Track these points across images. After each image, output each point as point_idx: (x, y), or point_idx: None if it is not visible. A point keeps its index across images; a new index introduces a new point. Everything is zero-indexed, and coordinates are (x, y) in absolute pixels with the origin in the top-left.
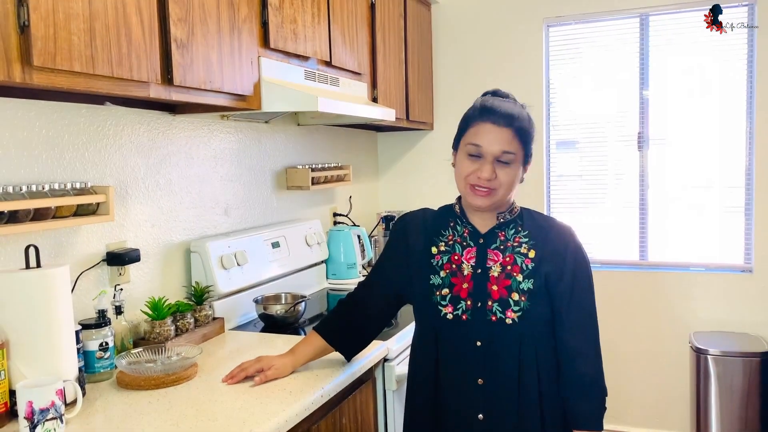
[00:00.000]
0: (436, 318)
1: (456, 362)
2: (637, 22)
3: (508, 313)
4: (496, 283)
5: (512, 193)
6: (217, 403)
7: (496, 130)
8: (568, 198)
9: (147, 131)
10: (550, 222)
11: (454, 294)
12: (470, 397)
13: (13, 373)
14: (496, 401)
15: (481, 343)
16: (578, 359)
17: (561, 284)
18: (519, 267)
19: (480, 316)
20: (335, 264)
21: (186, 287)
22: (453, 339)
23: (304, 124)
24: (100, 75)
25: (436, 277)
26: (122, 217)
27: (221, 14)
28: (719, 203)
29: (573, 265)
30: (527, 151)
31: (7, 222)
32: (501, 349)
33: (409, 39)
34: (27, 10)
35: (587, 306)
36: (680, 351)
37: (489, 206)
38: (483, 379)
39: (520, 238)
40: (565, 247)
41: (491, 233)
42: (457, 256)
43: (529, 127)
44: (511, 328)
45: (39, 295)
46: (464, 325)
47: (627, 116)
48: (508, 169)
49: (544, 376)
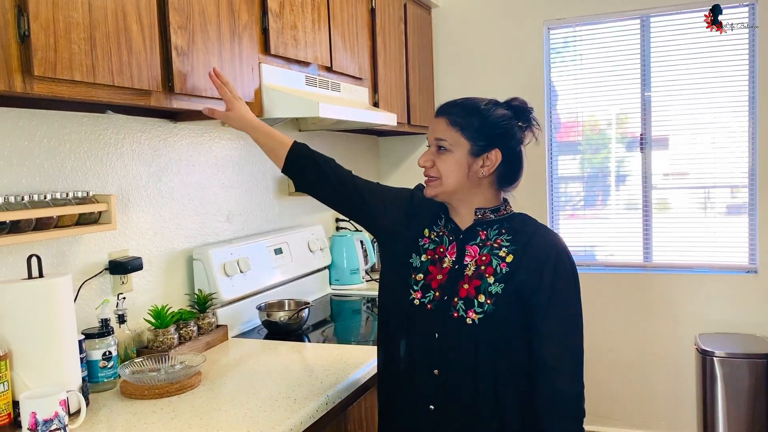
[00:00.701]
0: (404, 300)
1: (416, 349)
2: (637, 23)
3: (469, 312)
4: (468, 282)
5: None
6: (221, 411)
7: (434, 121)
8: (571, 200)
9: (148, 139)
10: (537, 229)
11: (427, 282)
12: (425, 387)
13: (17, 384)
14: (449, 394)
15: (439, 335)
16: (553, 375)
17: (537, 295)
18: (493, 269)
19: (443, 309)
20: (338, 270)
21: (189, 295)
22: (416, 325)
23: (306, 130)
24: (101, 84)
25: (417, 259)
26: (124, 225)
27: (221, 21)
28: (723, 204)
29: (552, 276)
30: (474, 139)
31: (9, 232)
32: (458, 345)
33: (410, 43)
34: (27, 19)
35: (567, 320)
36: (686, 353)
37: (434, 196)
38: (439, 370)
39: (501, 240)
40: (546, 257)
41: (472, 230)
42: (443, 249)
43: (471, 114)
44: (470, 329)
45: (42, 304)
46: (427, 315)
47: (629, 117)
48: (444, 156)
49: (502, 383)
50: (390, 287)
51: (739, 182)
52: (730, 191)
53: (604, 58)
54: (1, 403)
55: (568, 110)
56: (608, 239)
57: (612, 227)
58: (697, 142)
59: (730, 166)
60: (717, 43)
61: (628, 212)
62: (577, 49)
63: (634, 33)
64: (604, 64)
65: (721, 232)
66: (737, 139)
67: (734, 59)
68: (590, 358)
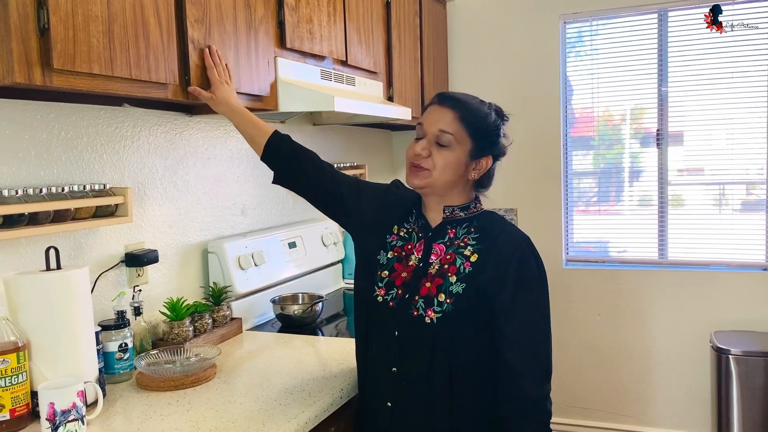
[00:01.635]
0: (369, 296)
1: (379, 346)
2: (655, 17)
3: (428, 311)
4: (430, 280)
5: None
6: (236, 404)
7: (438, 110)
8: (584, 195)
9: (164, 132)
10: (504, 228)
11: (391, 279)
12: (385, 384)
13: (35, 375)
14: (404, 392)
15: (399, 333)
16: (518, 378)
17: (501, 295)
18: (456, 268)
19: (403, 307)
20: (351, 264)
21: (204, 288)
22: (378, 322)
23: (320, 124)
24: (119, 77)
25: (384, 256)
26: (140, 218)
27: (238, 15)
28: (739, 200)
29: (516, 276)
30: (477, 140)
31: (28, 224)
32: (415, 344)
33: (425, 37)
34: (47, 12)
35: (531, 321)
36: (701, 351)
37: (422, 187)
38: (397, 368)
39: (468, 239)
40: (510, 256)
41: (441, 228)
42: (410, 246)
43: (480, 118)
44: (428, 327)
45: (59, 296)
46: (389, 312)
47: (644, 113)
48: (445, 151)
49: (458, 383)
50: (358, 284)
51: (755, 179)
52: (746, 188)
53: (621, 52)
54: (20, 394)
55: (583, 105)
56: (622, 235)
57: (626, 223)
58: (712, 138)
59: (746, 162)
60: (736, 38)
61: (642, 208)
62: (593, 43)
63: (652, 27)
64: (621, 59)
65: (736, 229)
66: (754, 136)
67: (753, 55)
68: (604, 355)
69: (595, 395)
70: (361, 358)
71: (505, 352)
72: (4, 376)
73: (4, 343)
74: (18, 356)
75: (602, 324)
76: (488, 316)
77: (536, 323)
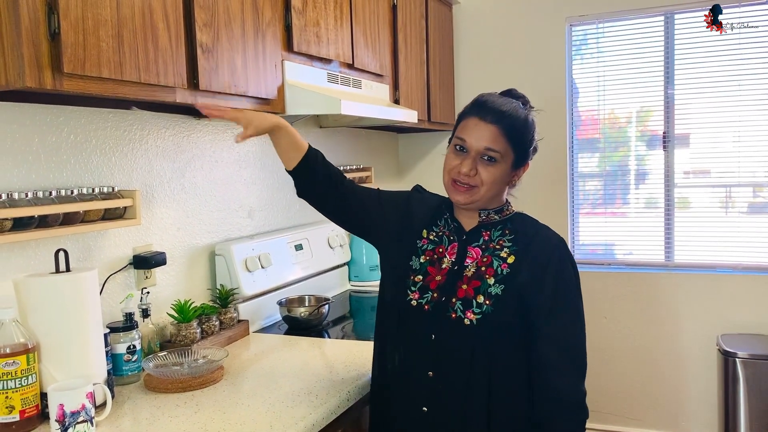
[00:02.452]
0: (401, 300)
1: (411, 350)
2: (662, 20)
3: (468, 313)
4: (467, 283)
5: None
6: (243, 406)
7: (482, 126)
8: (590, 197)
9: (172, 135)
10: (539, 230)
11: (425, 283)
12: (419, 388)
13: (44, 376)
14: (442, 396)
15: (436, 336)
16: (555, 377)
17: (540, 296)
18: (493, 270)
19: (441, 310)
20: (357, 266)
21: (211, 290)
22: (412, 327)
23: (326, 126)
24: (128, 81)
25: (416, 261)
26: (148, 220)
27: (245, 18)
28: (746, 203)
29: (555, 278)
30: (519, 152)
31: (38, 226)
32: (454, 347)
33: (431, 39)
34: (57, 17)
35: (570, 321)
36: (708, 354)
37: (468, 203)
38: (433, 372)
39: (503, 241)
40: (548, 259)
41: (475, 231)
42: (442, 249)
43: (523, 128)
44: (468, 330)
45: (69, 298)
46: (424, 316)
47: (650, 115)
48: (492, 168)
49: (498, 381)
50: (388, 290)
51: (762, 181)
52: (753, 190)
53: (627, 54)
54: (30, 395)
55: (589, 107)
56: (628, 237)
57: (631, 225)
58: (719, 140)
59: (753, 164)
60: (742, 40)
61: (648, 210)
62: (598, 45)
63: (658, 29)
64: (627, 61)
65: (743, 231)
66: (761, 138)
67: (760, 56)
68: (610, 358)
69: (602, 398)
70: (388, 364)
71: (545, 352)
72: (14, 377)
73: (14, 344)
74: (28, 358)
75: (608, 326)
76: (524, 318)
77: (574, 324)
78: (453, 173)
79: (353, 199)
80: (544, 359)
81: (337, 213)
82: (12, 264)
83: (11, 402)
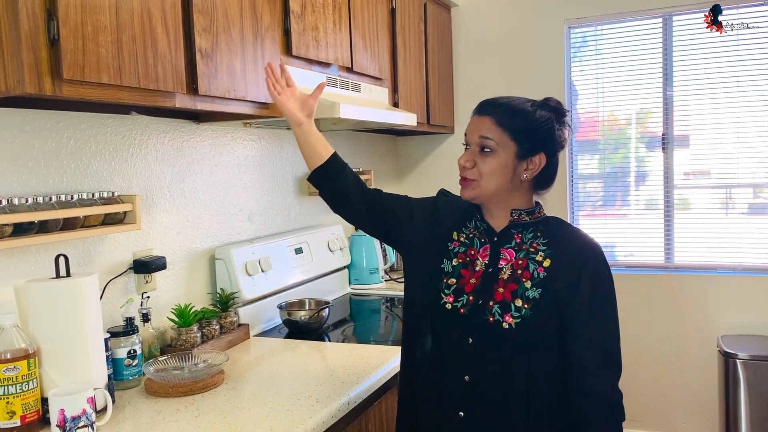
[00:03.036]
0: (434, 304)
1: (446, 355)
2: (660, 22)
3: (506, 317)
4: (503, 286)
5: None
6: (244, 410)
7: (477, 119)
8: (590, 198)
9: (172, 140)
10: (574, 234)
11: (459, 286)
12: (455, 393)
13: (45, 381)
14: (479, 400)
15: (473, 340)
16: (594, 380)
17: (577, 299)
18: (530, 273)
19: (478, 313)
20: (357, 269)
21: (211, 294)
22: (447, 330)
23: (326, 130)
24: (127, 86)
25: (448, 264)
26: (148, 225)
27: (244, 23)
28: (746, 203)
29: (592, 281)
30: (522, 140)
31: (38, 232)
32: (492, 350)
33: (430, 42)
34: (57, 24)
35: (607, 325)
36: (708, 355)
37: (472, 198)
38: (470, 376)
39: (537, 244)
40: (584, 262)
41: (506, 233)
42: (473, 251)
43: (520, 115)
44: (507, 333)
45: (69, 303)
46: (460, 319)
47: (650, 116)
48: (489, 158)
49: (536, 384)
50: (417, 295)
51: (762, 181)
52: (753, 191)
53: (626, 56)
54: (31, 400)
55: (589, 108)
56: (628, 239)
57: (632, 227)
58: (719, 141)
59: (753, 165)
60: (741, 40)
61: (648, 212)
62: (597, 47)
63: (656, 31)
64: (625, 63)
65: (743, 232)
66: (761, 138)
67: (759, 57)
68: None
69: None
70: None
71: (582, 355)
72: (15, 382)
73: (14, 350)
74: (28, 363)
75: None
76: (560, 321)
77: (610, 326)
78: (459, 170)
79: (378, 201)
80: (581, 361)
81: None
82: (12, 269)
83: (12, 407)
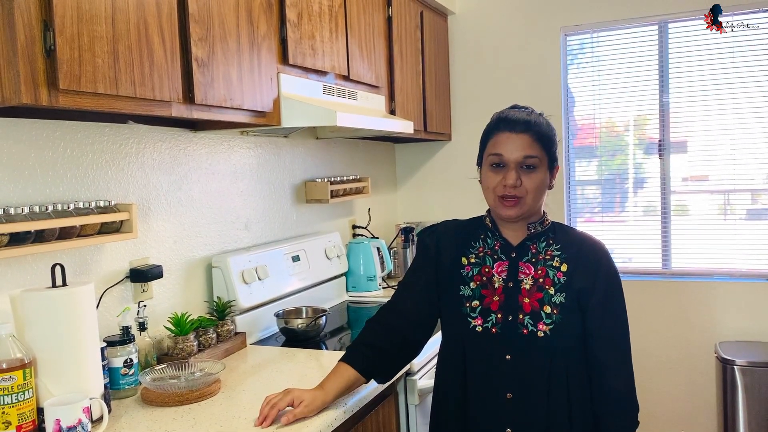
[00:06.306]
0: (464, 330)
1: (484, 376)
2: (656, 29)
3: (539, 325)
4: (528, 296)
5: (542, 200)
6: (240, 419)
7: (514, 137)
8: (588, 204)
9: (168, 148)
10: (581, 236)
11: (485, 306)
12: (498, 412)
13: (41, 391)
14: (524, 415)
15: (511, 356)
16: (609, 374)
17: (593, 299)
18: (551, 280)
19: (511, 329)
20: (355, 277)
21: (208, 302)
22: (481, 352)
23: (323, 138)
24: (124, 96)
25: (466, 288)
26: (145, 233)
27: (241, 32)
28: (744, 209)
29: (606, 280)
30: (551, 155)
31: (34, 241)
32: (531, 362)
33: (426, 50)
34: (53, 34)
35: (620, 322)
36: (706, 361)
37: (519, 215)
38: (512, 393)
39: (552, 251)
40: (598, 262)
41: (523, 246)
42: (488, 269)
43: (549, 132)
44: (543, 341)
45: (65, 313)
46: (494, 339)
47: (647, 122)
48: (533, 174)
49: (574, 389)
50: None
51: (759, 187)
52: (751, 196)
53: (622, 63)
54: (26, 410)
55: (586, 115)
56: (626, 244)
57: (630, 232)
58: (716, 146)
59: (751, 170)
60: (737, 45)
61: (645, 217)
62: (594, 53)
63: (652, 38)
64: (622, 69)
65: (741, 237)
66: (758, 143)
67: (755, 60)
68: None
69: None
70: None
71: (598, 351)
72: (11, 392)
73: (10, 360)
74: (24, 373)
75: None
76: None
77: (623, 324)
78: (498, 190)
79: (403, 327)
80: (599, 360)
81: (419, 332)
82: (8, 279)
83: (8, 417)
